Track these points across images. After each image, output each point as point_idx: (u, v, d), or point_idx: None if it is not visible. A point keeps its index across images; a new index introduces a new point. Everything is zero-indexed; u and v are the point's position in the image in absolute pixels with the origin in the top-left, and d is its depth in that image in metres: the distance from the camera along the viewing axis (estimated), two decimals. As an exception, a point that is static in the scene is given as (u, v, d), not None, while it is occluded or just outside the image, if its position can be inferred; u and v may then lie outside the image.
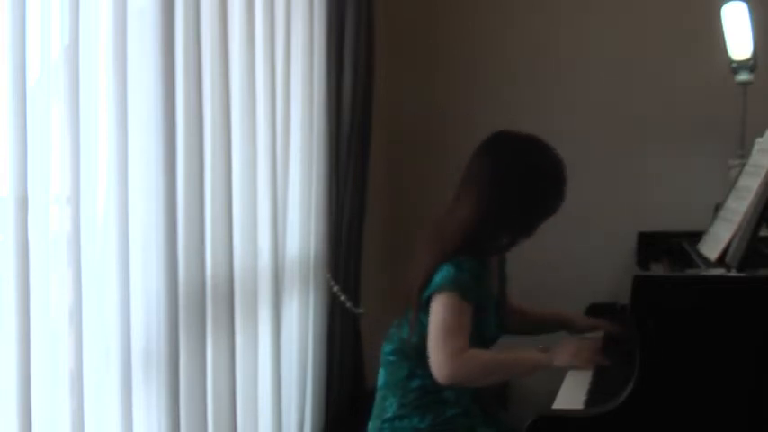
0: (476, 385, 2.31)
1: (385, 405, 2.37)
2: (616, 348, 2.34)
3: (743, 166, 2.50)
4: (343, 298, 3.09)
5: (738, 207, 2.26)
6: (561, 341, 2.41)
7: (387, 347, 2.40)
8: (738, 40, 3.21)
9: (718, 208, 2.55)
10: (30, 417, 1.64)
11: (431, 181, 3.74)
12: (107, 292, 1.92)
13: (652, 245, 3.09)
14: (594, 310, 2.95)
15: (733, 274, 2.05)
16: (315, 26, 2.98)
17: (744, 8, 3.17)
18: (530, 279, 3.43)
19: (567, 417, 2.01)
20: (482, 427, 2.36)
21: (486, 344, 2.36)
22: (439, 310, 2.22)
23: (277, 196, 2.69)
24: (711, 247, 2.31)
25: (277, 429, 2.71)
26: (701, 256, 2.36)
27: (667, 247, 2.84)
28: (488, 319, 2.34)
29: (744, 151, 3.02)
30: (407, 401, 2.33)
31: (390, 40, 3.59)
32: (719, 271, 2.11)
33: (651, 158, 3.65)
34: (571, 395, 2.14)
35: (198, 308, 2.21)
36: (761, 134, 2.45)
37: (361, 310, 3.17)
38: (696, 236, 2.56)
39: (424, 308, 2.27)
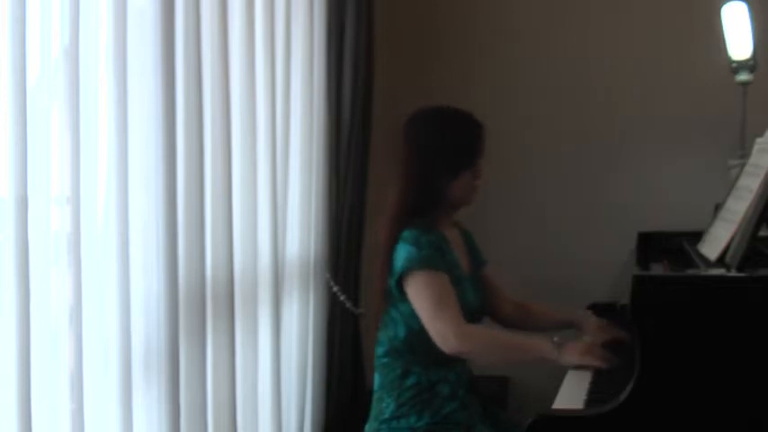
0: (481, 359, 2.32)
1: (381, 406, 2.37)
2: (617, 349, 2.34)
3: (743, 166, 2.49)
4: (343, 298, 3.09)
5: (738, 207, 2.25)
6: (575, 340, 2.41)
7: (378, 351, 2.41)
8: (738, 40, 3.21)
9: (718, 208, 2.55)
10: (30, 417, 1.64)
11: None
12: (107, 292, 1.92)
13: (652, 245, 3.09)
14: (594, 310, 2.94)
15: (733, 274, 2.05)
16: (315, 26, 2.98)
17: (744, 8, 3.17)
18: (530, 279, 3.44)
19: (567, 417, 2.01)
20: (480, 426, 2.36)
21: (470, 316, 2.36)
22: (418, 292, 2.26)
23: (277, 196, 2.69)
24: (711, 247, 2.31)
25: (277, 429, 2.71)
26: (701, 256, 2.36)
27: (667, 247, 2.83)
28: (464, 289, 2.35)
29: (744, 151, 3.02)
30: (404, 400, 2.33)
31: (390, 39, 3.59)
32: (719, 271, 2.11)
33: (651, 158, 3.66)
34: (571, 395, 2.14)
35: (198, 308, 2.21)
36: (761, 134, 2.45)
37: (361, 310, 3.17)
38: (696, 236, 2.56)
39: (399, 296, 2.29)
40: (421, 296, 2.25)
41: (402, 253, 2.28)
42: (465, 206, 2.45)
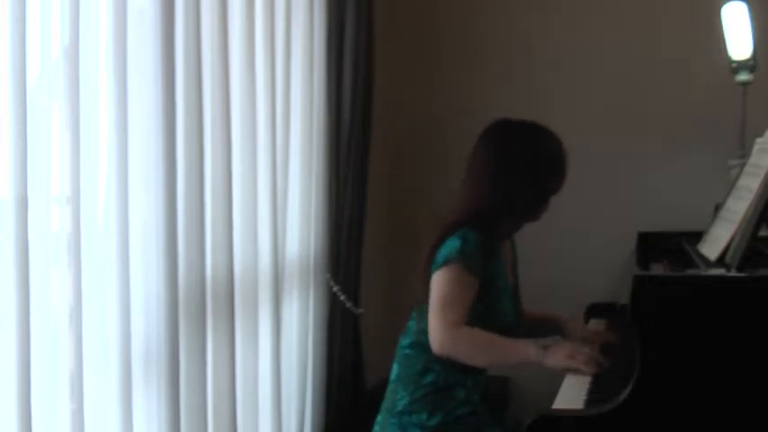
0: (465, 361, 2.30)
1: (395, 399, 2.36)
2: (614, 351, 2.34)
3: (743, 166, 2.49)
4: (343, 298, 3.09)
5: (738, 207, 2.26)
6: (560, 343, 2.41)
7: (404, 341, 2.40)
8: (738, 40, 3.21)
9: (718, 208, 2.55)
10: (30, 417, 1.64)
11: (431, 181, 3.74)
12: (107, 292, 1.92)
13: (652, 245, 3.09)
14: (594, 310, 2.94)
15: (733, 274, 2.05)
16: (315, 26, 2.98)
17: (744, 8, 3.17)
18: (530, 279, 3.43)
19: (567, 417, 2.01)
20: (488, 428, 2.36)
21: (505, 329, 2.34)
22: (439, 283, 2.24)
23: (277, 196, 2.69)
24: (711, 247, 2.31)
25: (277, 429, 2.71)
26: (701, 256, 2.36)
27: (667, 247, 2.83)
28: (505, 300, 2.34)
29: (744, 151, 3.02)
30: (419, 396, 2.32)
31: (390, 40, 3.59)
32: (719, 271, 2.11)
33: (651, 158, 3.65)
34: (571, 395, 2.13)
35: (198, 308, 2.21)
36: (761, 134, 2.45)
37: (361, 310, 3.17)
38: (696, 236, 2.56)
39: None
40: (437, 288, 2.24)
41: (450, 245, 2.25)
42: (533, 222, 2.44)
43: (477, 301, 2.25)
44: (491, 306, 2.29)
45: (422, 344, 2.34)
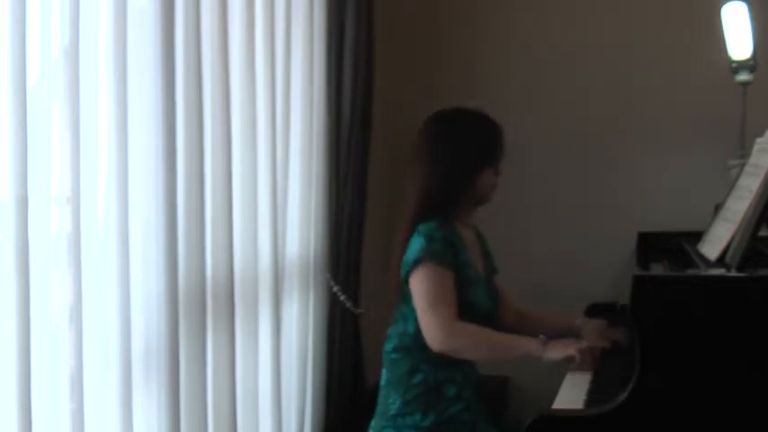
0: (466, 357, 2.32)
1: (388, 403, 2.37)
2: (617, 352, 2.34)
3: (743, 166, 2.49)
4: (343, 298, 3.09)
5: (738, 207, 2.26)
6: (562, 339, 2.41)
7: (388, 346, 2.41)
8: (738, 40, 3.21)
9: (718, 208, 2.55)
10: (30, 417, 1.64)
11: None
12: (107, 292, 1.92)
13: (652, 245, 3.09)
14: (594, 310, 2.94)
15: (733, 274, 2.05)
16: (315, 26, 2.98)
17: (744, 8, 3.17)
18: (530, 279, 3.44)
19: (567, 417, 2.01)
20: (484, 425, 2.36)
21: (483, 319, 2.36)
22: (419, 284, 2.27)
23: (277, 196, 2.69)
24: (711, 247, 2.31)
25: (277, 429, 2.71)
26: (701, 256, 2.36)
27: (667, 247, 2.83)
28: (477, 290, 2.36)
29: (744, 151, 3.02)
30: (410, 398, 2.33)
31: (390, 40, 3.59)
32: (719, 271, 2.11)
33: (651, 158, 3.66)
34: (571, 395, 2.14)
35: (198, 308, 2.21)
36: (761, 134, 2.45)
37: (361, 310, 3.17)
38: (696, 236, 2.56)
39: (409, 290, 2.31)
40: (420, 288, 2.27)
41: (415, 245, 2.29)
42: (485, 204, 2.45)
43: None
44: (464, 296, 2.31)
45: (405, 346, 2.35)
